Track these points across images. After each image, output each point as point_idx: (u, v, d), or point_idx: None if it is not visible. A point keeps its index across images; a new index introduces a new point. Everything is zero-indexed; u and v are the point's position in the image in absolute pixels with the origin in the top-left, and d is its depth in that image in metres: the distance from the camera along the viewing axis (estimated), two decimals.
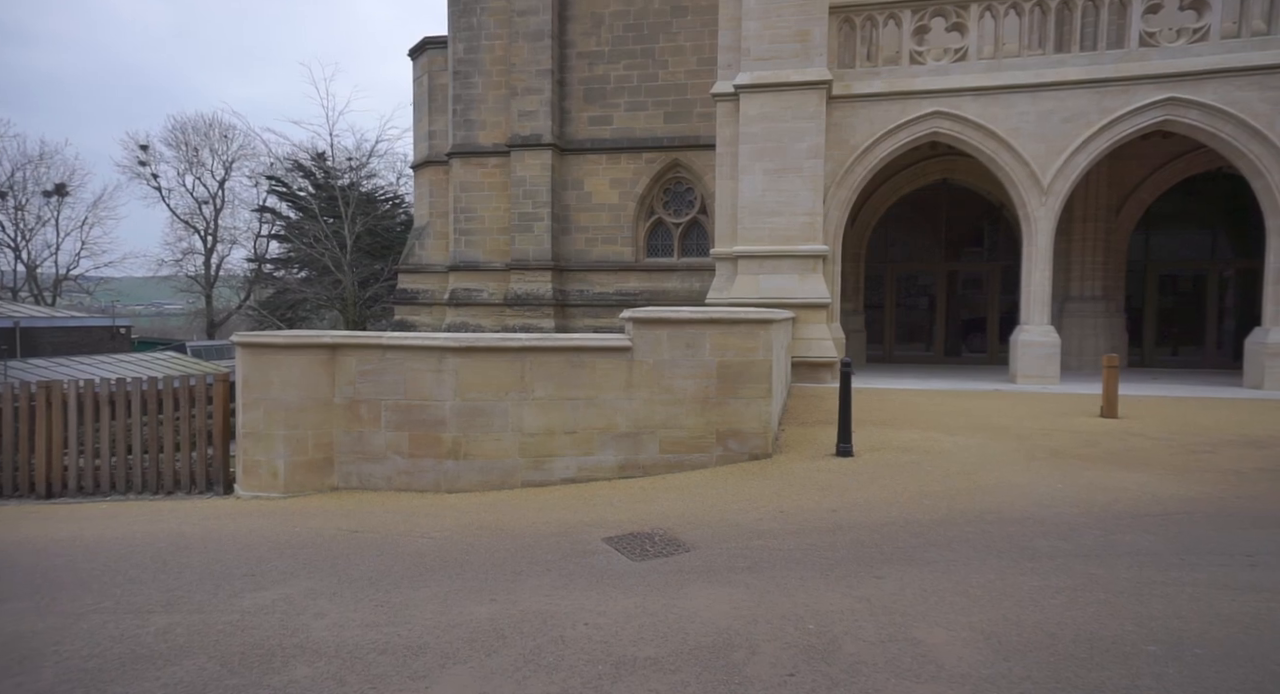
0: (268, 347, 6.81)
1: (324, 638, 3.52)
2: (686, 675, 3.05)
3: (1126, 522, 5.03)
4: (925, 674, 3.01)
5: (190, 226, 36.42)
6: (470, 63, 19.25)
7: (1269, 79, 10.81)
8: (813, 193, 12.07)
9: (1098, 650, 3.17)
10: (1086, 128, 11.49)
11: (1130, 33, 11.42)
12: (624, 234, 18.68)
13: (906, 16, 12.11)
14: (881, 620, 3.53)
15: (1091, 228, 15.04)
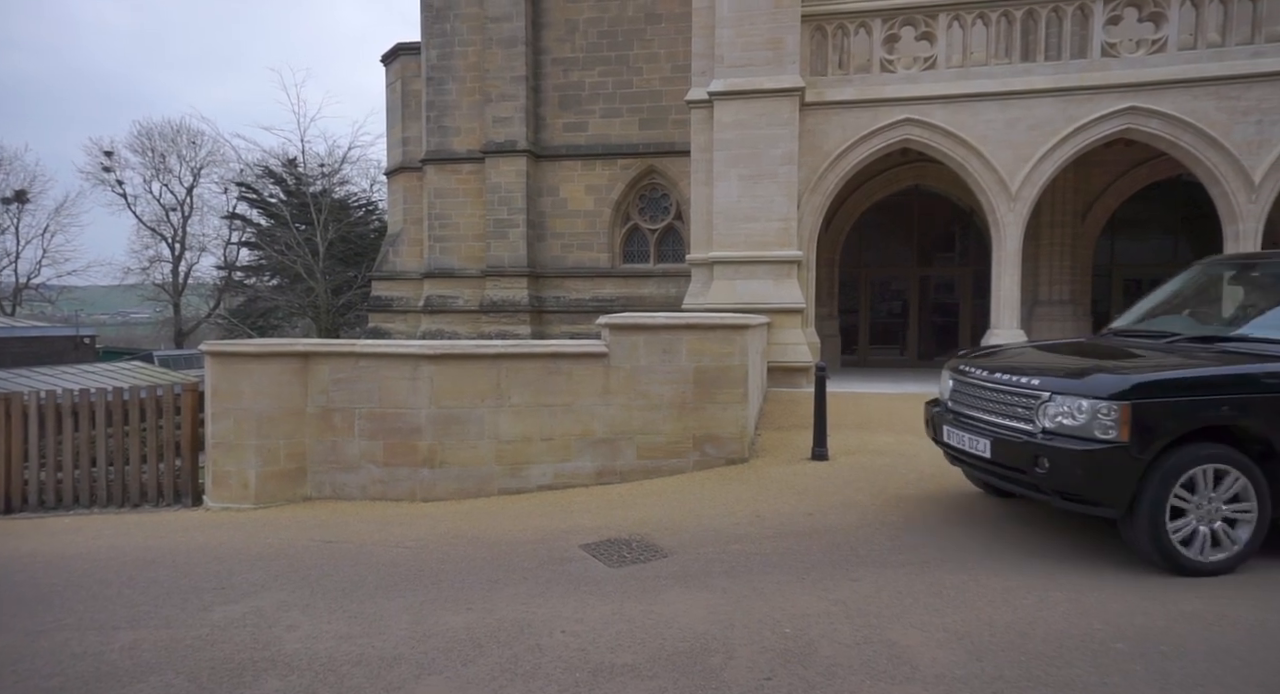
0: (238, 355, 6.70)
1: (296, 651, 3.46)
2: (664, 681, 3.05)
3: (1097, 522, 5.12)
4: (900, 676, 3.04)
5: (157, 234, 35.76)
6: (444, 69, 19.17)
7: (1225, 89, 11.13)
8: (787, 199, 12.17)
9: (1067, 648, 3.23)
10: (1053, 135, 11.73)
11: (1093, 43, 11.69)
12: (600, 240, 18.69)
13: (877, 25, 12.29)
14: (857, 623, 3.56)
15: (1059, 233, 15.35)
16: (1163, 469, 3.89)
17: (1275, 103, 10.98)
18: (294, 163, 31.53)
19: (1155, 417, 3.87)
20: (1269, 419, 3.94)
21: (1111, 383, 3.98)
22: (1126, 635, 3.35)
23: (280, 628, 3.76)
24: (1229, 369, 4.06)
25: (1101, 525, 4.83)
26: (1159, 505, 3.89)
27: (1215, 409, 3.92)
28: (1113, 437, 3.88)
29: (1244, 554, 4.00)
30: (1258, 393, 3.95)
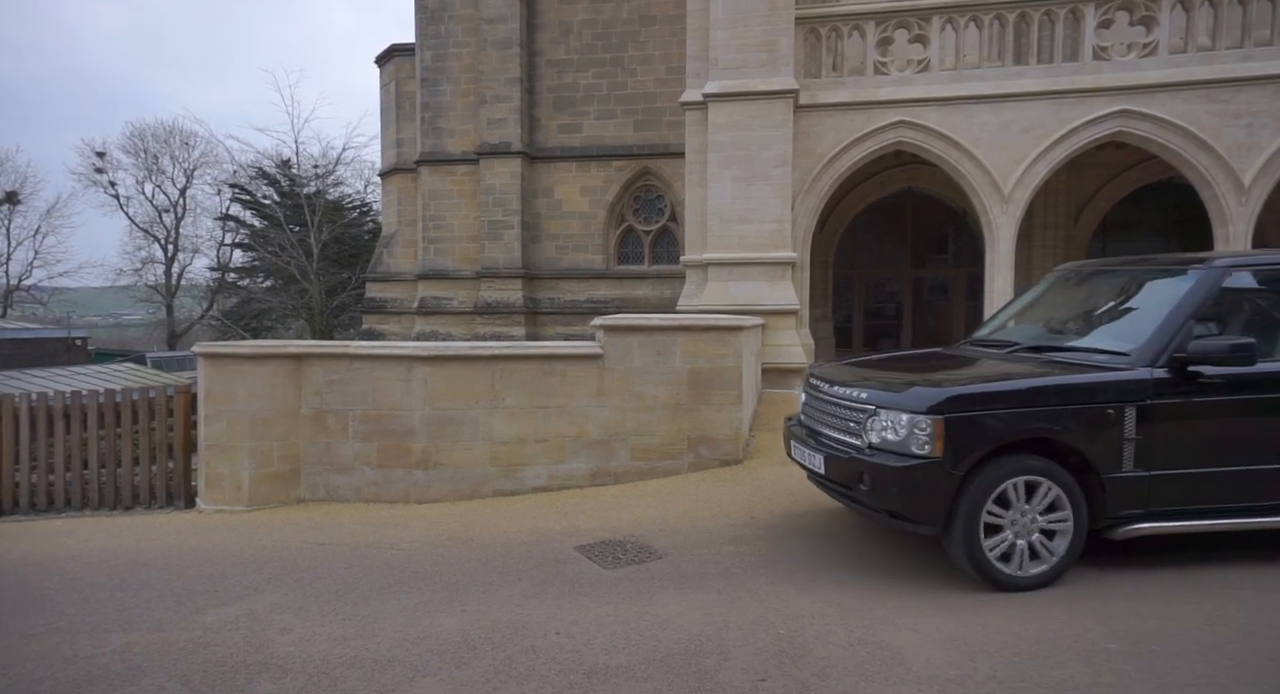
0: (231, 357, 6.68)
1: (289, 654, 3.45)
2: (658, 683, 3.05)
3: None
4: (894, 676, 3.05)
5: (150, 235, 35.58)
6: (438, 70, 19.15)
7: (1215, 92, 11.21)
8: (781, 200, 12.20)
9: (1060, 649, 3.25)
10: (1045, 138, 11.78)
11: (1084, 46, 11.76)
12: (594, 242, 18.69)
13: (870, 28, 12.33)
14: (851, 624, 3.57)
15: (1052, 235, 15.43)
16: (975, 484, 3.80)
17: (1265, 106, 11.07)
18: (288, 164, 31.44)
19: (968, 430, 3.79)
20: (1082, 431, 3.85)
21: (927, 396, 3.89)
22: (1119, 636, 3.37)
23: (273, 631, 3.74)
24: (1043, 381, 3.97)
25: None
26: (973, 521, 3.81)
27: (1029, 422, 3.84)
28: (927, 452, 3.80)
29: (1062, 566, 3.92)
30: (1071, 404, 3.87)
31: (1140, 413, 3.85)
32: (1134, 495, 3.91)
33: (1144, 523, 3.95)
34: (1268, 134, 11.12)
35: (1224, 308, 4.54)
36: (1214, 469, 3.95)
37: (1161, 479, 3.90)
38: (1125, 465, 3.87)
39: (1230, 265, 4.24)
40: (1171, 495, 3.94)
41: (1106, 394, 3.88)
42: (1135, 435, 3.86)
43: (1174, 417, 3.90)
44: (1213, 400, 3.95)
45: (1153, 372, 3.90)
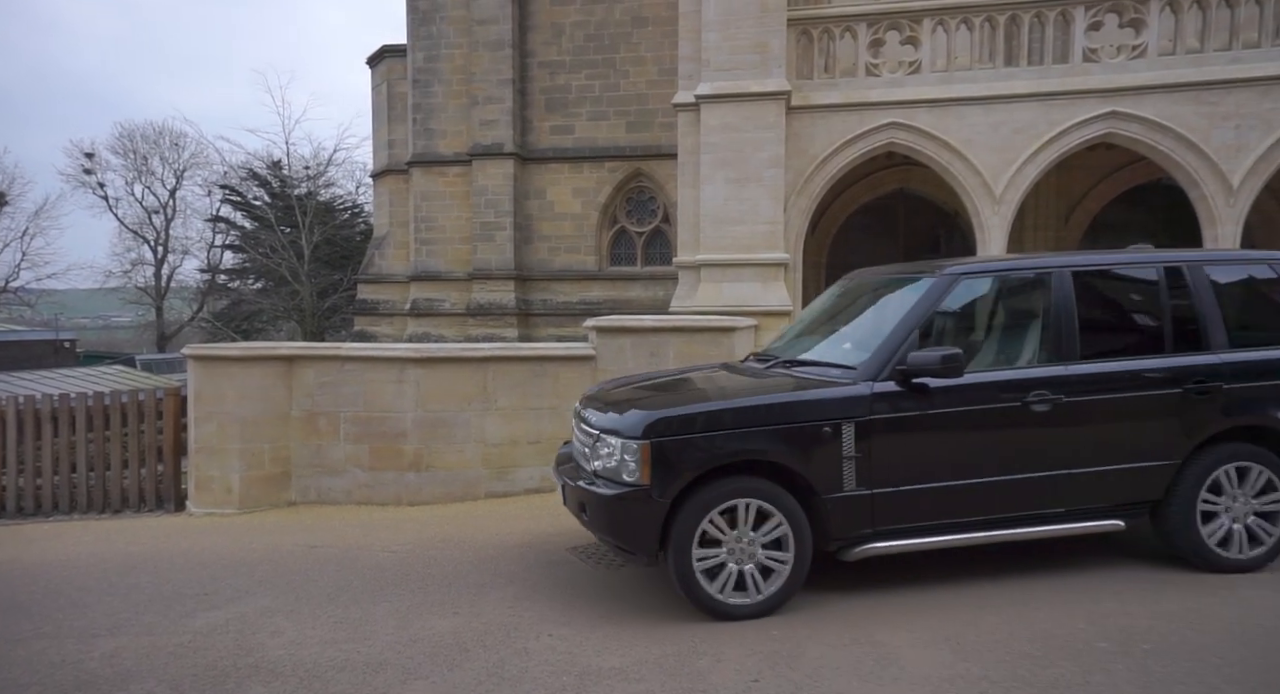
0: (221, 359, 6.64)
1: (280, 657, 3.43)
2: (651, 684, 3.05)
3: None
4: (887, 677, 3.05)
5: (139, 237, 35.32)
6: (430, 71, 19.11)
7: (1203, 94, 11.29)
8: (774, 202, 12.22)
9: (1051, 649, 3.26)
10: (1036, 139, 11.84)
11: (1074, 48, 11.83)
12: (587, 243, 18.67)
13: (862, 29, 12.37)
14: (843, 624, 3.57)
15: (1042, 236, 15.49)
16: (686, 511, 3.57)
17: (1252, 108, 11.16)
18: (278, 165, 31.30)
19: (675, 454, 3.57)
20: (797, 450, 3.64)
21: (638, 420, 3.67)
22: (1110, 635, 3.38)
23: (264, 634, 3.72)
24: (754, 400, 3.80)
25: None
26: (683, 550, 3.58)
27: (739, 443, 3.62)
28: (635, 479, 3.58)
29: (785, 593, 3.67)
30: (782, 423, 3.67)
31: (859, 429, 3.68)
32: (859, 515, 3.72)
33: (876, 543, 3.76)
34: (1256, 135, 11.21)
35: (959, 316, 4.39)
36: (939, 484, 3.79)
37: (885, 497, 3.73)
38: (847, 484, 3.68)
39: (960, 273, 4.09)
40: (897, 513, 3.76)
41: (822, 411, 3.69)
42: (855, 453, 3.67)
43: (894, 432, 3.74)
44: (935, 413, 3.78)
45: (873, 386, 3.73)
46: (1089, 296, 4.18)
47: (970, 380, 3.85)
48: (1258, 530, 4.04)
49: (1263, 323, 4.44)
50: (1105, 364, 4.05)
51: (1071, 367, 3.95)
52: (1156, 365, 4.05)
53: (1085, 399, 3.92)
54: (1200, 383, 3.99)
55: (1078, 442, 3.92)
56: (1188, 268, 4.19)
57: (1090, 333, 4.09)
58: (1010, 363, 4.18)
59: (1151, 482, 4.00)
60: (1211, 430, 4.00)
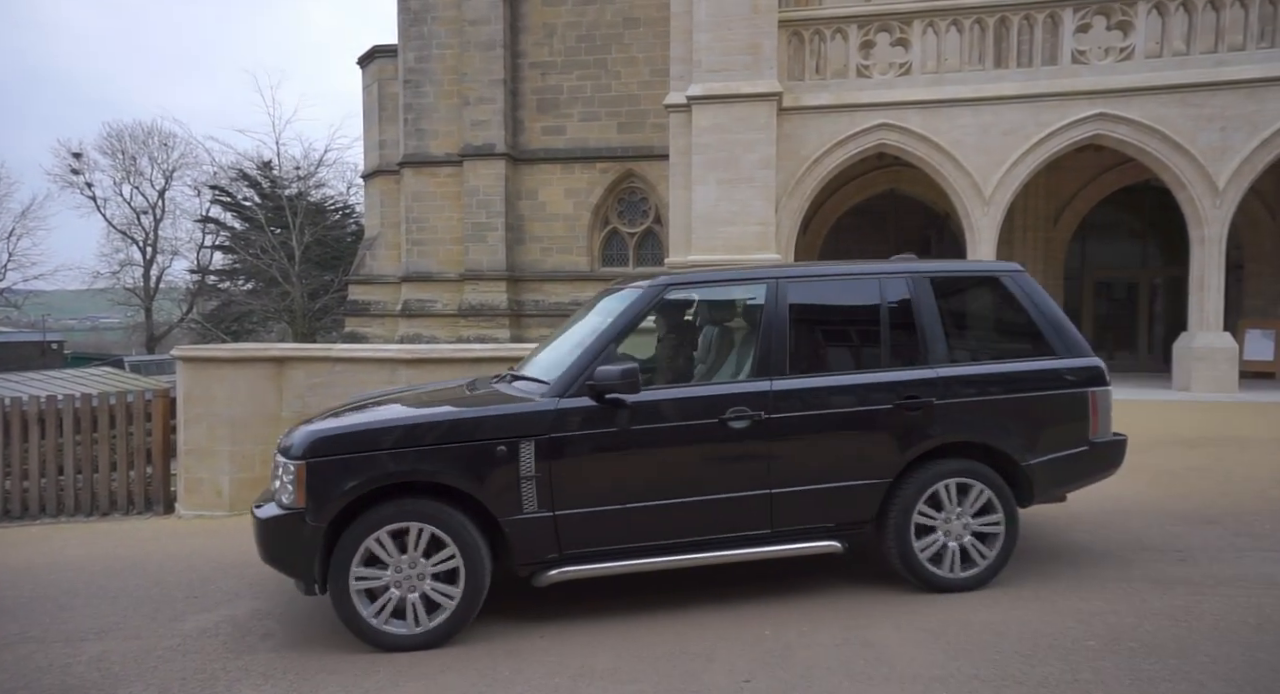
0: (211, 360, 6.60)
1: (270, 660, 3.41)
2: (644, 685, 3.05)
3: (1066, 521, 5.21)
4: (878, 676, 3.07)
5: (128, 237, 35.04)
6: (421, 72, 19.06)
7: (1190, 97, 11.39)
8: (765, 203, 12.26)
9: (1041, 647, 3.28)
10: (1025, 140, 11.92)
11: (1063, 50, 11.91)
12: (579, 244, 18.66)
13: (853, 31, 12.42)
14: (834, 624, 3.58)
15: (1032, 237, 15.59)
16: (347, 535, 3.36)
17: (1238, 110, 11.27)
18: (269, 165, 31.13)
19: (331, 475, 3.35)
20: (468, 470, 3.42)
21: (300, 439, 3.48)
22: (1098, 633, 3.41)
23: (255, 637, 3.71)
24: (418, 418, 3.57)
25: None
26: (341, 578, 3.35)
27: (401, 463, 3.39)
28: (291, 502, 3.38)
29: (456, 622, 3.46)
30: (452, 442, 3.44)
31: (541, 448, 3.47)
32: (542, 538, 3.51)
33: (565, 567, 3.54)
34: (1241, 137, 11.32)
35: (671, 328, 4.32)
36: (631, 506, 3.58)
37: (570, 519, 3.51)
38: (527, 506, 3.47)
39: (668, 284, 3.90)
40: (586, 536, 3.56)
41: (495, 429, 3.48)
42: (535, 473, 3.46)
43: (580, 450, 3.54)
44: (626, 431, 3.57)
45: (559, 402, 3.53)
46: (805, 309, 3.99)
47: (666, 396, 3.72)
48: (972, 550, 3.89)
49: (991, 336, 4.31)
50: (810, 379, 3.83)
51: (777, 382, 3.74)
52: (865, 380, 3.86)
53: (788, 416, 3.70)
54: (912, 398, 3.80)
55: (782, 460, 3.70)
56: (911, 280, 4.01)
57: (804, 346, 3.94)
58: (717, 377, 4.05)
59: (863, 501, 3.81)
60: (924, 447, 3.82)
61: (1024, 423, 3.95)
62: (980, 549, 3.92)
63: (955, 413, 3.86)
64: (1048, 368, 4.02)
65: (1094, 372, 4.09)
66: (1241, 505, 5.53)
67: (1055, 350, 4.05)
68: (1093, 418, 4.05)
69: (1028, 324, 4.09)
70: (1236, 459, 7.06)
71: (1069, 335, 4.09)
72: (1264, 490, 5.96)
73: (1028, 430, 3.95)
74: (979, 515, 3.90)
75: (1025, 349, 4.10)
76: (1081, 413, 4.04)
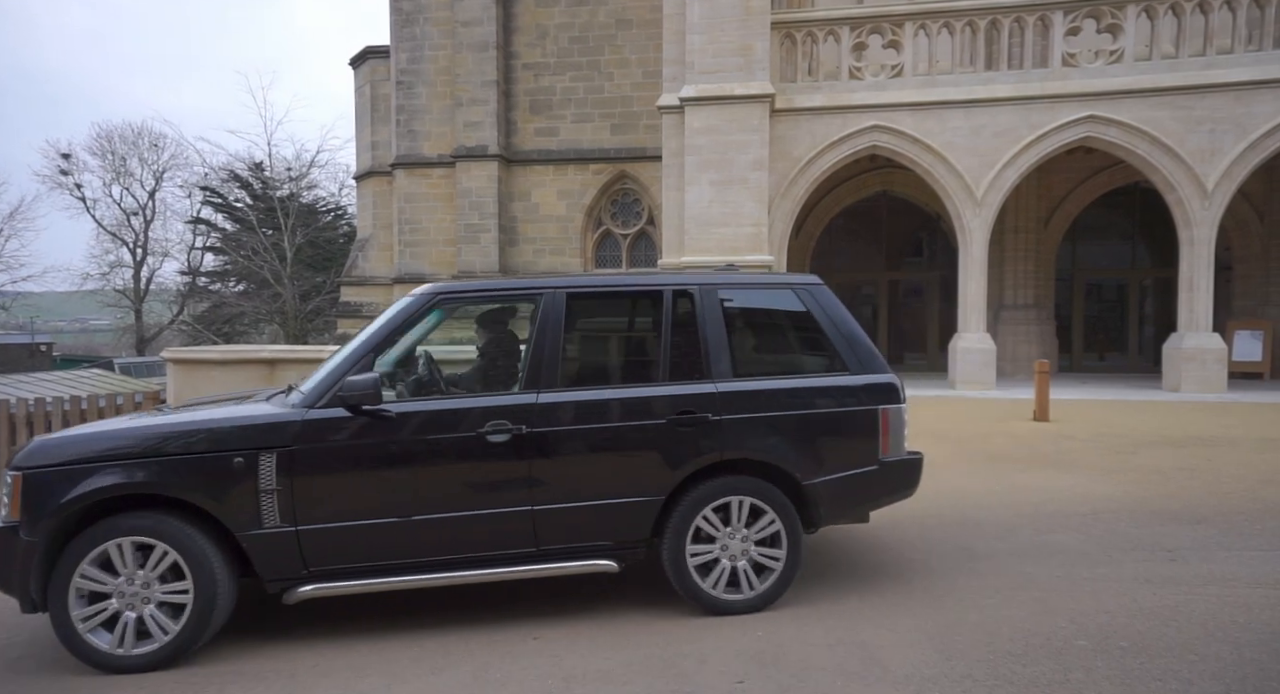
0: (201, 362, 6.57)
1: (261, 662, 3.39)
2: (637, 687, 3.05)
3: (1058, 521, 5.24)
4: (871, 676, 3.07)
5: (118, 239, 34.81)
6: (413, 73, 19.02)
7: (1179, 99, 11.49)
8: (758, 204, 12.29)
9: (1032, 646, 3.29)
10: (1016, 142, 11.99)
11: (1053, 53, 11.99)
12: (572, 245, 18.66)
13: (845, 33, 12.47)
14: (827, 624, 3.59)
15: (1023, 239, 15.68)
16: (70, 548, 3.23)
17: (1226, 113, 11.37)
18: (260, 166, 31.00)
19: (49, 487, 3.22)
20: (200, 483, 3.30)
21: (25, 449, 3.39)
22: (1089, 632, 3.42)
23: (246, 640, 3.68)
24: (143, 427, 3.43)
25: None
26: (61, 594, 3.22)
27: (126, 475, 3.26)
28: (6, 514, 3.27)
29: (168, 651, 3.29)
30: (180, 453, 3.32)
31: (283, 460, 3.36)
32: (285, 555, 3.38)
33: (314, 584, 3.42)
34: (1230, 139, 11.41)
35: (441, 338, 4.20)
36: (383, 521, 3.45)
37: (315, 535, 3.39)
38: (268, 521, 3.35)
39: (436, 292, 3.79)
40: (333, 553, 3.43)
41: (232, 440, 3.36)
42: (276, 486, 3.35)
43: (327, 463, 3.42)
44: (377, 443, 3.46)
45: (307, 413, 3.43)
46: (583, 321, 3.91)
47: (423, 408, 3.58)
48: (752, 571, 3.74)
49: (783, 351, 4.18)
50: (578, 393, 3.68)
51: (544, 395, 3.61)
52: (636, 394, 3.72)
53: (552, 430, 3.57)
54: (687, 413, 3.66)
55: (545, 476, 3.57)
56: (699, 292, 3.86)
57: (579, 359, 3.86)
58: (488, 389, 3.99)
59: (635, 519, 3.65)
60: (699, 464, 3.67)
61: (808, 440, 3.79)
62: (762, 569, 3.76)
63: (735, 429, 3.70)
64: (836, 384, 3.88)
65: (886, 388, 3.91)
66: (1231, 505, 5.57)
67: (848, 366, 3.91)
68: (883, 436, 3.88)
69: (821, 339, 3.96)
70: (1225, 459, 7.11)
71: (864, 351, 3.96)
72: (1253, 490, 6.00)
73: (812, 448, 3.79)
74: (761, 535, 3.73)
75: (819, 364, 3.96)
76: (871, 431, 3.87)
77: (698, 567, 3.70)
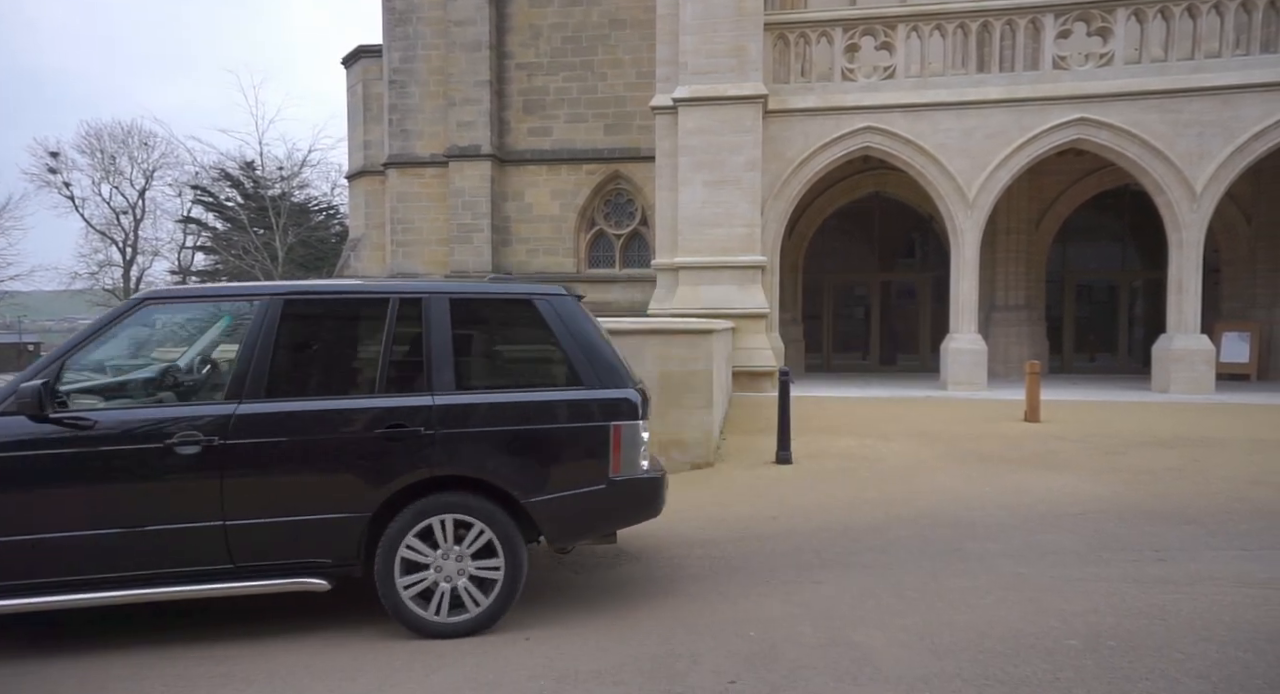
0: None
1: (254, 662, 3.38)
2: (629, 687, 3.05)
3: (1049, 522, 5.28)
4: (863, 676, 3.09)
5: (107, 238, 34.55)
6: (406, 72, 18.97)
7: (1168, 102, 11.57)
8: (751, 204, 12.31)
9: (1023, 646, 3.31)
10: (1007, 144, 12.06)
11: (1044, 55, 12.06)
12: (565, 245, 18.65)
13: (838, 34, 12.51)
14: (820, 625, 3.60)
15: (1014, 240, 15.76)
16: None
17: (1214, 116, 11.46)
18: (252, 165, 30.86)
19: None
20: None
21: None
22: (1079, 632, 3.45)
23: (236, 643, 3.67)
24: None
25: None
26: None
27: None
28: None
29: None
30: None
31: None
32: None
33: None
34: (1218, 143, 11.51)
35: (150, 345, 4.11)
36: (57, 535, 3.33)
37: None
38: None
39: (145, 298, 3.69)
40: (13, 567, 3.32)
41: None
42: None
43: (4, 473, 3.30)
44: (56, 454, 3.34)
45: None
46: (298, 329, 3.76)
47: (112, 417, 3.48)
48: (468, 593, 3.59)
49: (517, 364, 4.04)
50: (282, 403, 3.52)
51: (244, 405, 3.47)
52: (343, 406, 3.58)
53: (249, 442, 3.43)
54: (397, 427, 3.51)
55: (239, 490, 3.43)
56: (428, 301, 3.70)
57: (288, 369, 3.69)
58: (194, 398, 3.93)
59: (341, 536, 3.50)
60: (410, 480, 3.53)
61: (529, 457, 3.64)
62: (477, 592, 3.59)
63: (450, 445, 3.54)
64: (565, 399, 3.70)
65: (620, 404, 3.69)
66: (1218, 505, 5.62)
67: (583, 380, 3.71)
68: (614, 454, 3.66)
69: (558, 352, 3.78)
70: (1213, 460, 7.17)
71: (602, 365, 3.75)
72: (1240, 490, 6.06)
73: (534, 465, 3.63)
74: (478, 557, 3.57)
75: (555, 378, 3.81)
76: (599, 448, 3.65)
77: (410, 588, 3.53)
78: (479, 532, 3.56)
